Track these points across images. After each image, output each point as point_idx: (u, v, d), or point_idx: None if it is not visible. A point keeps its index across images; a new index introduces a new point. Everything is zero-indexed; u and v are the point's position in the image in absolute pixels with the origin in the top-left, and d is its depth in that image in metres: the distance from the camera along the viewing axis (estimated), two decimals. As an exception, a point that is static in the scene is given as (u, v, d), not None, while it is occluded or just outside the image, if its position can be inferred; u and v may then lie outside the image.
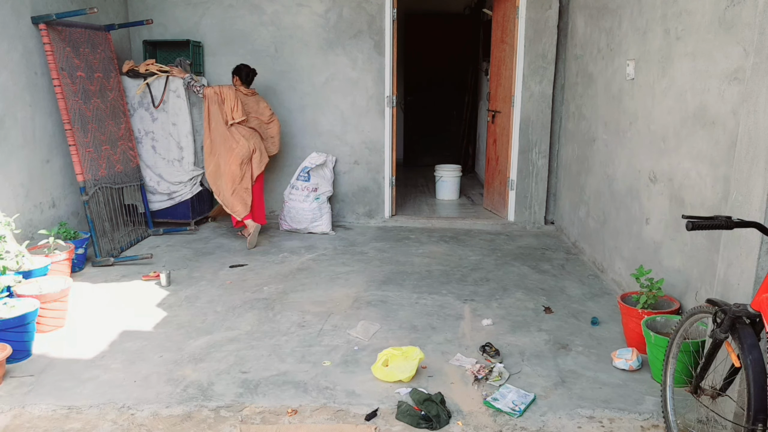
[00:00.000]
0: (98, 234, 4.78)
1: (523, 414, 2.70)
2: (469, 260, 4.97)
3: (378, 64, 5.89)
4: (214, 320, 3.72)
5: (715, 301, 2.23)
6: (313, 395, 2.85)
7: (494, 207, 6.50)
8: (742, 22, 2.73)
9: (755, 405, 1.94)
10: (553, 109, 5.85)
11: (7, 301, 3.20)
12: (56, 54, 4.61)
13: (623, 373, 3.08)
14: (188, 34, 5.96)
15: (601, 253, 4.63)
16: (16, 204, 4.36)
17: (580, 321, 3.75)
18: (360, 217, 6.20)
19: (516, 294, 4.20)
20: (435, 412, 2.63)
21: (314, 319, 3.74)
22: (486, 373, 3.00)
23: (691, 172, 3.22)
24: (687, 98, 3.26)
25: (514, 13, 5.74)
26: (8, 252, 3.55)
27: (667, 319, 3.13)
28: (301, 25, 5.89)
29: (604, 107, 4.58)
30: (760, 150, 2.34)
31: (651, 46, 3.74)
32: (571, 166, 5.50)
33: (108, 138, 5.12)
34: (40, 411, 2.71)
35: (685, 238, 3.27)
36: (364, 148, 6.06)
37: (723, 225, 2.12)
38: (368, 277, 4.52)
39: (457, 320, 3.74)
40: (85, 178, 4.74)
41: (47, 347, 3.33)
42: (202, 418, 2.67)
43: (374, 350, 3.29)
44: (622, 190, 4.22)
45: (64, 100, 4.63)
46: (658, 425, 2.64)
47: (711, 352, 2.30)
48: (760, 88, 2.35)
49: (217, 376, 3.03)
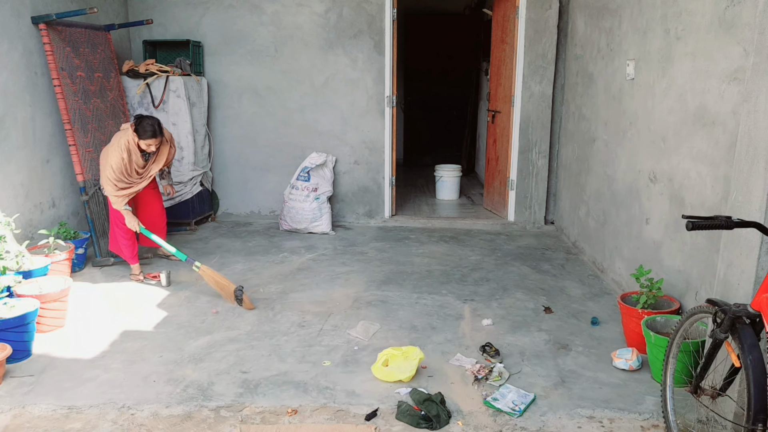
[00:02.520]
0: (98, 234, 4.78)
1: (523, 414, 2.70)
2: (469, 260, 4.97)
3: (378, 64, 5.89)
4: (214, 320, 3.72)
5: (715, 301, 2.23)
6: (313, 395, 2.85)
7: (494, 207, 6.50)
8: (742, 22, 2.73)
9: (755, 405, 1.94)
10: (553, 109, 5.85)
11: (7, 301, 3.20)
12: (56, 54, 4.61)
13: (623, 373, 3.08)
14: (188, 34, 5.96)
15: (601, 253, 4.63)
16: (16, 204, 4.36)
17: (580, 321, 3.75)
18: (360, 217, 6.20)
19: (516, 294, 4.20)
20: (435, 412, 2.63)
21: (314, 319, 3.74)
22: (486, 373, 3.00)
23: (691, 172, 3.22)
24: (687, 98, 3.26)
25: (514, 13, 5.74)
26: (8, 252, 3.55)
27: (667, 319, 3.13)
28: (301, 25, 5.89)
29: (604, 107, 4.58)
30: (760, 150, 2.34)
31: (651, 46, 3.74)
32: (571, 166, 5.50)
33: (108, 138, 5.10)
34: (40, 411, 2.71)
35: (685, 238, 3.27)
36: (364, 148, 6.06)
37: (723, 225, 2.12)
38: (368, 277, 4.52)
39: (457, 320, 3.74)
40: (85, 178, 4.74)
41: (47, 347, 3.33)
42: (202, 418, 2.67)
43: (374, 350, 3.29)
44: (622, 190, 4.22)
45: (64, 100, 4.63)
46: (658, 425, 2.64)
47: (711, 352, 2.30)
48: (760, 88, 2.35)
49: (217, 376, 3.03)
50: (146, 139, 4.16)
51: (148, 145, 4.19)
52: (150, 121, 4.16)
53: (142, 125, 4.14)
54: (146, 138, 4.15)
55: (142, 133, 4.14)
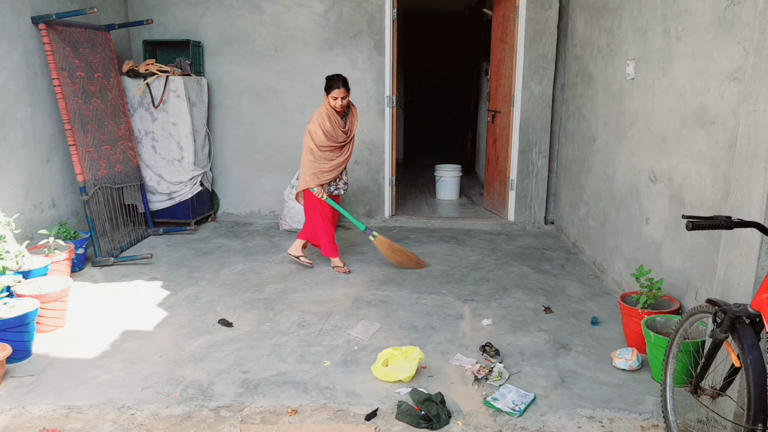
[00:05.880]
0: (98, 234, 4.78)
1: (523, 414, 2.70)
2: (469, 260, 4.97)
3: (378, 64, 5.89)
4: (214, 320, 3.72)
5: (715, 301, 2.23)
6: (313, 395, 2.85)
7: (494, 207, 6.50)
8: (742, 22, 2.73)
9: (755, 405, 1.94)
10: (553, 109, 5.85)
11: (7, 301, 3.20)
12: (56, 54, 4.61)
13: (623, 373, 3.08)
14: (188, 34, 5.96)
15: (601, 253, 4.63)
16: (16, 204, 4.36)
17: (580, 321, 3.75)
18: (360, 217, 6.19)
19: (516, 294, 4.20)
20: (435, 412, 2.63)
21: (314, 319, 3.74)
22: (486, 373, 3.00)
23: (691, 172, 3.22)
24: (687, 98, 3.26)
25: (514, 13, 5.74)
26: (8, 252, 3.56)
27: (667, 319, 3.13)
28: (301, 25, 5.89)
29: (604, 107, 4.58)
30: (760, 150, 2.34)
31: (651, 46, 3.74)
32: (571, 166, 5.50)
33: (108, 138, 5.12)
34: (40, 411, 2.71)
35: (685, 238, 3.27)
36: (364, 148, 6.05)
37: (723, 225, 2.12)
38: (368, 277, 4.52)
39: (457, 320, 3.74)
40: (85, 178, 4.74)
41: (47, 347, 3.32)
42: (202, 418, 2.67)
43: (374, 350, 3.29)
44: (622, 190, 4.22)
45: (64, 100, 4.63)
46: (658, 425, 2.64)
47: (711, 352, 2.30)
48: (760, 88, 2.35)
49: (217, 376, 3.03)
50: (334, 90, 4.35)
51: (336, 98, 4.37)
52: (335, 76, 4.43)
53: (329, 80, 4.41)
54: (333, 89, 4.35)
55: (329, 87, 4.38)
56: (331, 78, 4.42)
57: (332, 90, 4.37)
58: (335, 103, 4.38)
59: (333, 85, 4.38)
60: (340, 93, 4.36)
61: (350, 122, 4.60)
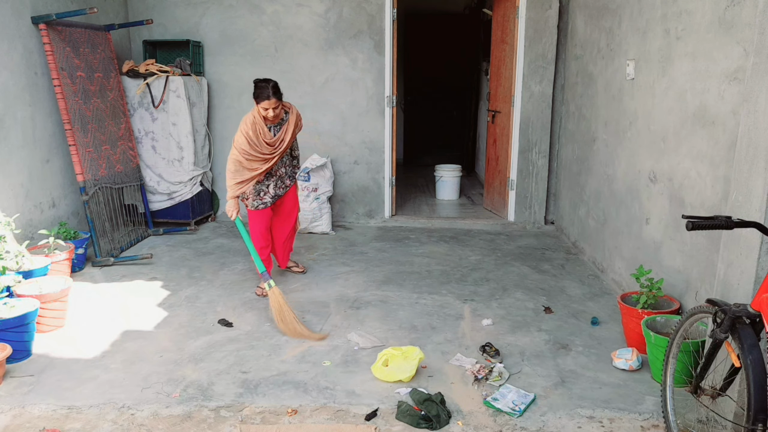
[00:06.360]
0: (98, 234, 4.78)
1: (523, 414, 2.70)
2: (469, 260, 4.97)
3: (378, 64, 5.89)
4: (214, 320, 3.72)
5: (715, 301, 2.23)
6: (313, 395, 2.85)
7: (494, 207, 6.50)
8: (742, 22, 2.73)
9: (755, 405, 1.94)
10: (553, 109, 5.85)
11: (7, 301, 3.20)
12: (56, 54, 4.61)
13: (623, 373, 3.08)
14: (188, 34, 5.96)
15: (601, 253, 4.63)
16: (16, 204, 4.36)
17: (580, 321, 3.75)
18: (360, 217, 6.20)
19: (516, 294, 4.20)
20: (435, 412, 2.63)
21: (314, 319, 3.74)
22: (486, 373, 3.00)
23: (691, 172, 3.22)
24: (687, 98, 3.26)
25: (514, 13, 5.74)
26: (8, 252, 3.56)
27: (667, 319, 3.13)
28: (301, 25, 5.89)
29: (604, 107, 4.58)
30: (760, 150, 2.34)
31: (651, 46, 3.74)
32: (571, 166, 5.50)
33: (108, 138, 5.12)
34: (40, 411, 2.71)
35: (685, 238, 3.27)
36: (364, 148, 6.06)
37: (723, 225, 2.12)
38: (368, 277, 4.52)
39: (457, 320, 3.74)
40: (85, 178, 4.74)
41: (47, 347, 3.32)
42: (202, 418, 2.67)
43: (374, 350, 3.29)
44: (622, 190, 4.22)
45: (64, 100, 4.63)
46: (658, 425, 2.64)
47: (711, 352, 2.30)
48: (760, 88, 2.35)
49: (217, 376, 3.03)
50: (263, 101, 3.79)
51: (266, 109, 3.81)
52: (264, 82, 3.82)
53: (257, 88, 3.82)
54: (263, 100, 3.79)
55: (257, 95, 3.81)
56: (260, 85, 3.81)
57: (261, 101, 3.79)
58: (265, 113, 3.84)
59: (262, 94, 3.79)
60: (271, 104, 3.79)
61: (284, 131, 3.99)
